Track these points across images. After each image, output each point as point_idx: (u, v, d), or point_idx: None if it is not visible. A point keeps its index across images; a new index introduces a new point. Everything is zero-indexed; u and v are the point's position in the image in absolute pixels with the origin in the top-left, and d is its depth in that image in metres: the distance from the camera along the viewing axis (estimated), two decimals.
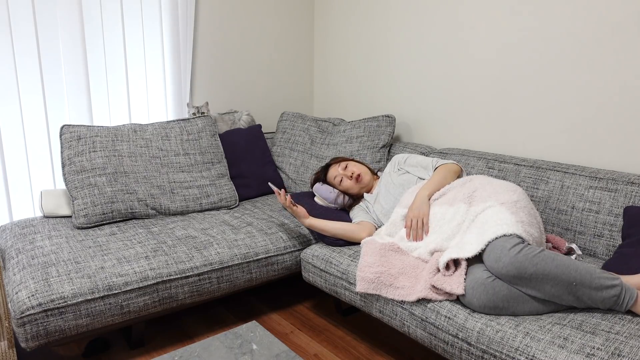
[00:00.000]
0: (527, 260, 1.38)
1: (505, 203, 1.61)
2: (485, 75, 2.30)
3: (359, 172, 2.12)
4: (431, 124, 2.59)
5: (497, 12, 2.21)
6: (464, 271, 1.50)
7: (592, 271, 1.37)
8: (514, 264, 1.38)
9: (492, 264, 1.43)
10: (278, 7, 3.02)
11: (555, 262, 1.37)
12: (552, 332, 1.31)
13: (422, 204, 1.82)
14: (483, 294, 1.42)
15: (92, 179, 2.14)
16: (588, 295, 1.37)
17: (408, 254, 1.74)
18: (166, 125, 2.43)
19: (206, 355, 1.32)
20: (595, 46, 1.91)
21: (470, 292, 1.44)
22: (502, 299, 1.41)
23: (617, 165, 1.92)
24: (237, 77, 2.95)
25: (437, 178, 1.89)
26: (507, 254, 1.40)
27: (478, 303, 1.43)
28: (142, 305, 1.74)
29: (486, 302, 1.42)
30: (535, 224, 1.60)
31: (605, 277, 1.36)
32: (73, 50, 2.35)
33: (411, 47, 2.61)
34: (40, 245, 1.87)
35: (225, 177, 2.48)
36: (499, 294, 1.41)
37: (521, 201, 1.65)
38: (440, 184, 1.88)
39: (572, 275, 1.36)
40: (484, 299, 1.42)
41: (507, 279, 1.41)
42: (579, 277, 1.35)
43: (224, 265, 1.91)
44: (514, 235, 1.45)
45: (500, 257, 1.41)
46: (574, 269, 1.37)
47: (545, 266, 1.37)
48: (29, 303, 1.54)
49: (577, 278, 1.35)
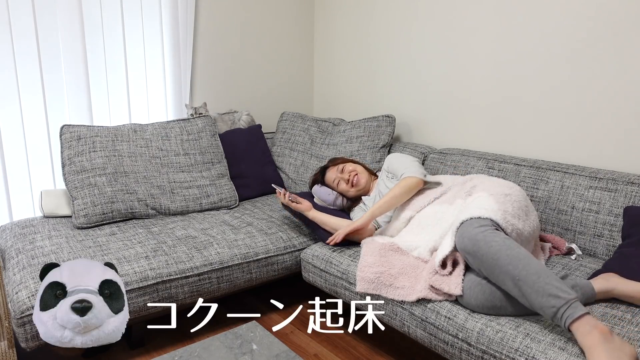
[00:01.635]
0: (483, 240, 1.37)
1: (494, 195, 1.61)
2: (485, 75, 2.29)
3: (355, 173, 2.12)
4: (431, 124, 2.58)
5: (497, 12, 2.21)
6: (462, 271, 1.49)
7: (544, 274, 1.28)
8: (471, 239, 1.39)
9: (457, 239, 1.45)
10: (278, 7, 3.02)
11: (510, 250, 1.33)
12: (553, 334, 1.31)
13: (354, 226, 1.87)
14: (480, 293, 1.42)
15: (92, 179, 2.14)
16: (529, 296, 1.29)
17: (408, 254, 1.74)
18: (166, 125, 2.43)
19: (206, 355, 1.32)
20: (596, 46, 1.91)
21: (468, 292, 1.44)
22: (499, 298, 1.40)
23: (617, 165, 1.92)
24: (237, 77, 2.95)
25: (389, 198, 1.86)
26: (471, 230, 1.41)
27: (476, 303, 1.43)
28: (142, 305, 1.74)
29: (484, 302, 1.41)
30: (523, 218, 1.58)
31: (555, 285, 1.26)
32: (73, 50, 2.35)
33: (411, 47, 2.61)
34: (40, 245, 1.87)
35: (225, 177, 2.48)
36: (496, 293, 1.40)
37: (513, 195, 1.64)
38: (391, 205, 1.87)
39: (518, 270, 1.30)
40: (481, 299, 1.42)
41: (464, 255, 1.43)
42: (524, 274, 1.29)
43: (224, 265, 1.91)
44: (488, 219, 1.45)
45: (464, 232, 1.43)
46: (523, 264, 1.30)
47: (497, 250, 1.34)
48: (29, 303, 1.54)
49: (522, 274, 1.29)
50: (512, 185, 1.73)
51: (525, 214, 1.61)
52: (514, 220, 1.52)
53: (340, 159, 2.23)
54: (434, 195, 1.84)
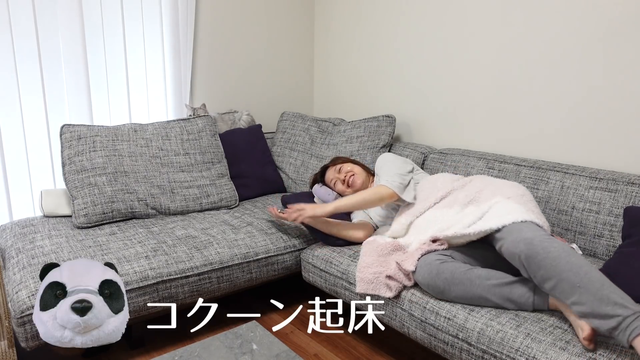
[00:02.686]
0: (540, 245, 1.34)
1: (512, 197, 1.63)
2: (485, 75, 2.29)
3: (352, 173, 2.11)
4: (431, 124, 2.58)
5: (497, 12, 2.21)
6: (422, 252, 1.58)
7: (607, 283, 1.26)
8: (527, 244, 1.36)
9: (509, 245, 1.41)
10: (278, 7, 3.02)
11: (570, 257, 1.30)
12: (554, 334, 1.31)
13: (318, 211, 1.84)
14: (427, 272, 1.52)
15: (92, 178, 2.14)
16: (590, 304, 1.24)
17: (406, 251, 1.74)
18: (166, 125, 2.43)
19: (206, 355, 1.32)
20: (596, 46, 1.91)
21: (419, 270, 1.55)
22: (443, 280, 1.48)
23: (617, 165, 1.92)
24: (237, 77, 2.95)
25: (358, 200, 1.85)
26: (525, 235, 1.38)
27: (423, 281, 1.54)
28: (142, 305, 1.74)
29: (429, 282, 1.52)
30: (543, 215, 1.63)
31: (621, 296, 1.23)
32: (73, 50, 2.34)
33: (411, 47, 2.61)
34: (40, 244, 1.87)
35: (225, 177, 2.48)
36: (441, 276, 1.49)
37: (527, 195, 1.68)
38: (357, 206, 1.86)
39: (579, 277, 1.27)
40: (427, 278, 1.52)
41: (516, 260, 1.39)
42: (585, 281, 1.26)
43: (224, 265, 1.91)
44: (532, 222, 1.46)
45: (517, 237, 1.39)
46: (585, 271, 1.27)
47: (557, 256, 1.31)
48: (29, 302, 1.54)
49: (584, 281, 1.26)
50: (516, 184, 1.75)
51: (541, 211, 1.66)
52: (542, 219, 1.55)
53: (341, 159, 2.23)
54: (434, 199, 1.83)
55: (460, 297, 1.48)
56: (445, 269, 1.50)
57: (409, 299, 1.59)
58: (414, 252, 1.62)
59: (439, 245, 1.60)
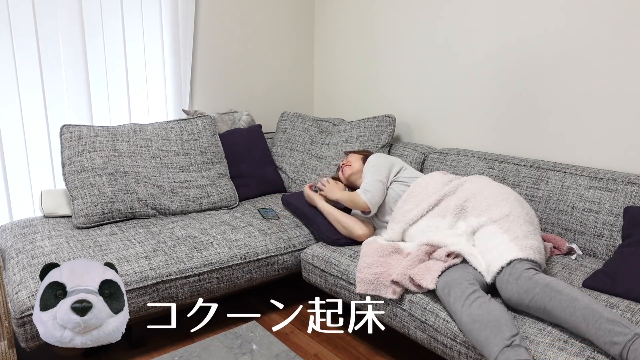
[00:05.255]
0: (525, 294, 1.38)
1: (497, 221, 1.60)
2: (485, 75, 2.29)
3: (349, 164, 2.15)
4: (431, 124, 2.58)
5: (497, 12, 2.21)
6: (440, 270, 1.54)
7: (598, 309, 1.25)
8: (514, 294, 1.41)
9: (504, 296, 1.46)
10: (278, 8, 3.02)
11: (555, 298, 1.32)
12: (552, 335, 1.31)
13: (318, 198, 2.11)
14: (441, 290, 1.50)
15: (92, 178, 2.14)
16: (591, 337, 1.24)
17: (407, 254, 1.74)
18: (166, 125, 2.43)
19: (206, 355, 1.32)
20: (595, 46, 1.91)
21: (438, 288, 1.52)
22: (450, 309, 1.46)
23: (617, 165, 1.92)
24: (237, 77, 2.95)
25: (345, 198, 2.00)
26: (512, 287, 1.42)
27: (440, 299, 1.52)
28: (142, 305, 1.74)
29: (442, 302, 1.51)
30: (532, 232, 1.57)
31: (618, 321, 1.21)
32: (73, 49, 2.35)
33: (411, 47, 2.60)
34: (40, 245, 1.87)
35: (225, 177, 2.48)
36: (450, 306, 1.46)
37: (514, 211, 1.61)
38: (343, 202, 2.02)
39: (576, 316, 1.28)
40: (442, 298, 1.50)
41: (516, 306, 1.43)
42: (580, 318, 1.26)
43: (224, 265, 1.91)
44: (515, 260, 1.46)
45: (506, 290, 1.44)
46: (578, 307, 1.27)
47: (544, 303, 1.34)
48: (29, 303, 1.54)
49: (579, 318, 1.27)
50: (506, 195, 1.69)
51: (530, 225, 1.59)
52: (526, 242, 1.51)
53: (355, 151, 2.26)
54: (427, 206, 1.81)
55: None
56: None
57: (409, 299, 1.59)
58: (431, 267, 1.58)
59: (454, 259, 1.58)
